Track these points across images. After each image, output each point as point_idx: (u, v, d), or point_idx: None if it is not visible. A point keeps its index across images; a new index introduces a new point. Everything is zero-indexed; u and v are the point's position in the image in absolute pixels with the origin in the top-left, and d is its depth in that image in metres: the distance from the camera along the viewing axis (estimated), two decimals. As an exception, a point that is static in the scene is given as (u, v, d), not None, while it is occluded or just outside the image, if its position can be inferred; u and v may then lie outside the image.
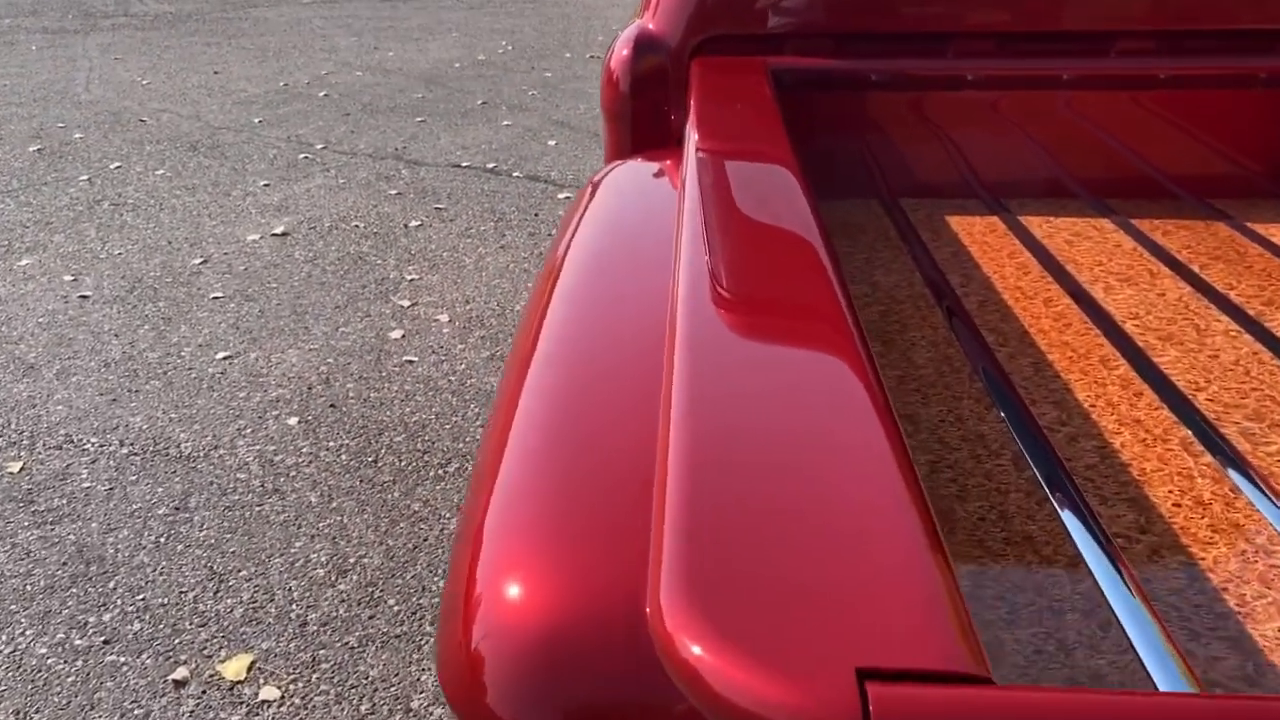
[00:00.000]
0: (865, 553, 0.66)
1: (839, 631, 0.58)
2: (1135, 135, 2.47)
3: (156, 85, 6.90)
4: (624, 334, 1.40)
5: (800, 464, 0.79)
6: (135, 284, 3.83)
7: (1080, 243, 2.23)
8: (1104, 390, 1.61)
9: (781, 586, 0.63)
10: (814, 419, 0.87)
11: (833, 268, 1.18)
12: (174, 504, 2.55)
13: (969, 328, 1.83)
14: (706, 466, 0.77)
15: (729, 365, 0.97)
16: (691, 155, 1.66)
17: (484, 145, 5.58)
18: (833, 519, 0.71)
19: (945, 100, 2.50)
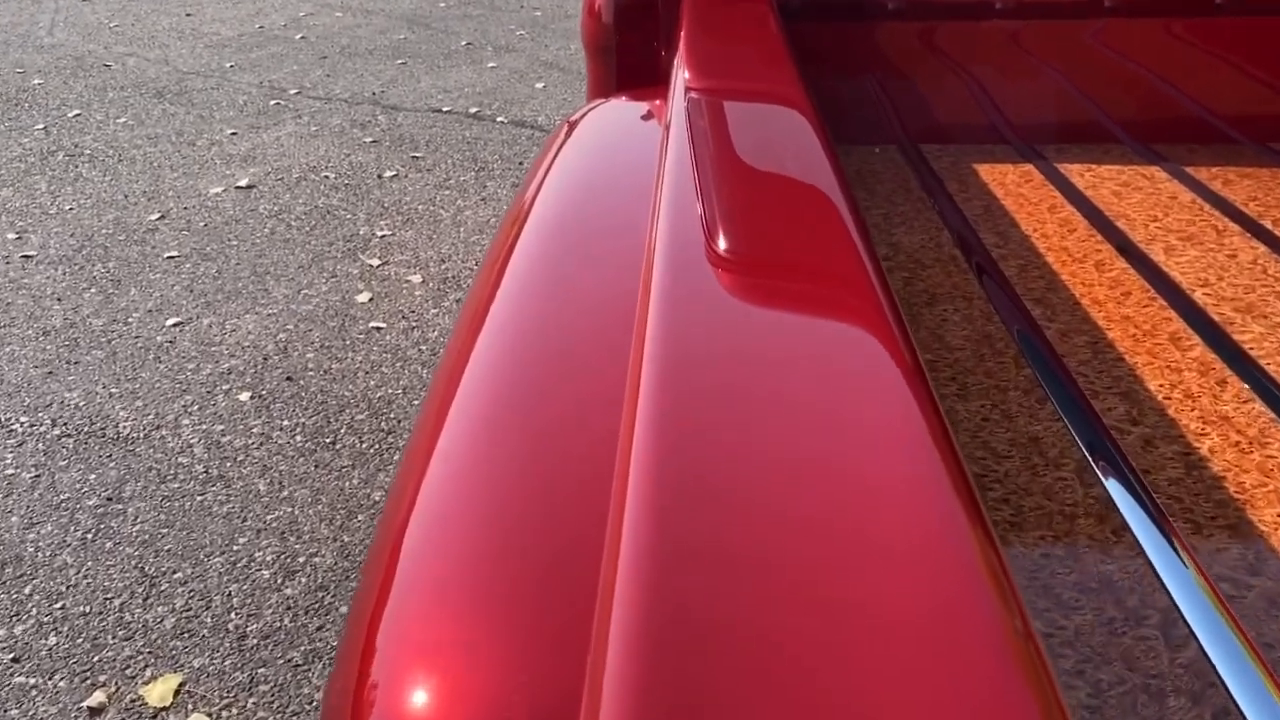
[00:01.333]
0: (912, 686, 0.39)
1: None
2: (1185, 70, 2.16)
3: (125, 28, 6.53)
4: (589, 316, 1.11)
5: (809, 523, 0.52)
6: (85, 242, 3.54)
7: (1129, 194, 1.93)
8: (1180, 378, 1.32)
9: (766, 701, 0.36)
10: (829, 441, 0.59)
11: (857, 229, 0.90)
12: (106, 494, 2.28)
13: (1010, 299, 1.54)
14: (673, 547, 0.50)
15: (713, 363, 0.69)
16: (679, 94, 1.36)
17: (467, 88, 5.24)
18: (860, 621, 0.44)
19: (970, 31, 2.19)
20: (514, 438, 0.84)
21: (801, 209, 0.97)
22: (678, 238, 0.87)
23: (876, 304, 0.76)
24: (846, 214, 0.92)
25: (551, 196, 1.52)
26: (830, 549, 0.51)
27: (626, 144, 1.86)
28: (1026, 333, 1.44)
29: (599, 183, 1.62)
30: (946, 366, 1.37)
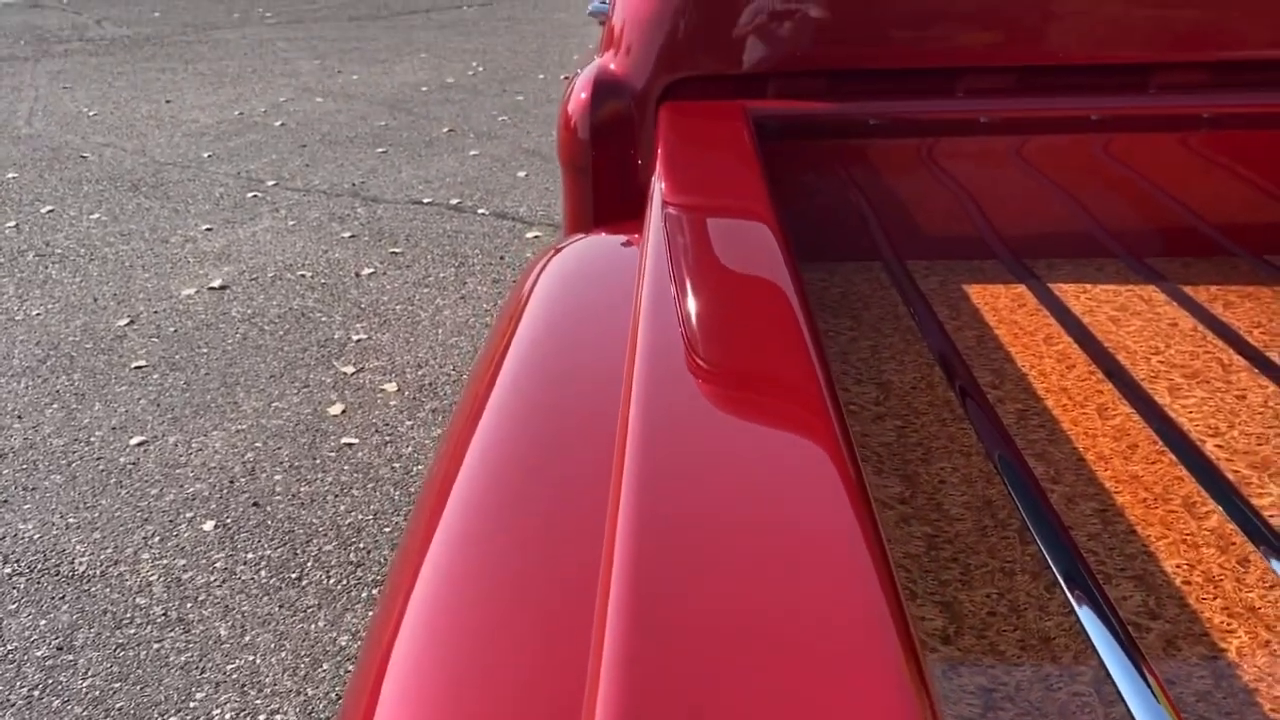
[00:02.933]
0: None
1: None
2: (1177, 184, 2.10)
3: (104, 116, 6.50)
4: (571, 432, 1.11)
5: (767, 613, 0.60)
6: (50, 351, 3.43)
7: (1128, 320, 1.85)
8: (1197, 556, 1.22)
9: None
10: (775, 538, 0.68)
11: (814, 347, 0.94)
12: (57, 642, 2.15)
13: (1012, 455, 1.45)
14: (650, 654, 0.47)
15: (688, 469, 0.75)
16: (656, 216, 1.32)
17: (448, 178, 5.19)
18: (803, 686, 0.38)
19: (956, 147, 2.13)
20: (502, 544, 0.88)
21: (762, 326, 1.02)
22: (655, 356, 0.91)
23: (826, 417, 0.82)
24: (805, 332, 0.97)
25: (532, 324, 1.46)
26: (767, 622, 0.58)
27: (605, 273, 1.79)
28: (1029, 500, 1.34)
29: (579, 306, 1.55)
30: (947, 542, 1.27)
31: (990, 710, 0.99)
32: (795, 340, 0.94)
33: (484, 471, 1.03)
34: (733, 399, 0.88)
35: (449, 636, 0.80)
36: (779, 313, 1.02)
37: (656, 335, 0.96)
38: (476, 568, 0.88)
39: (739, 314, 1.05)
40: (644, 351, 0.92)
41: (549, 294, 1.62)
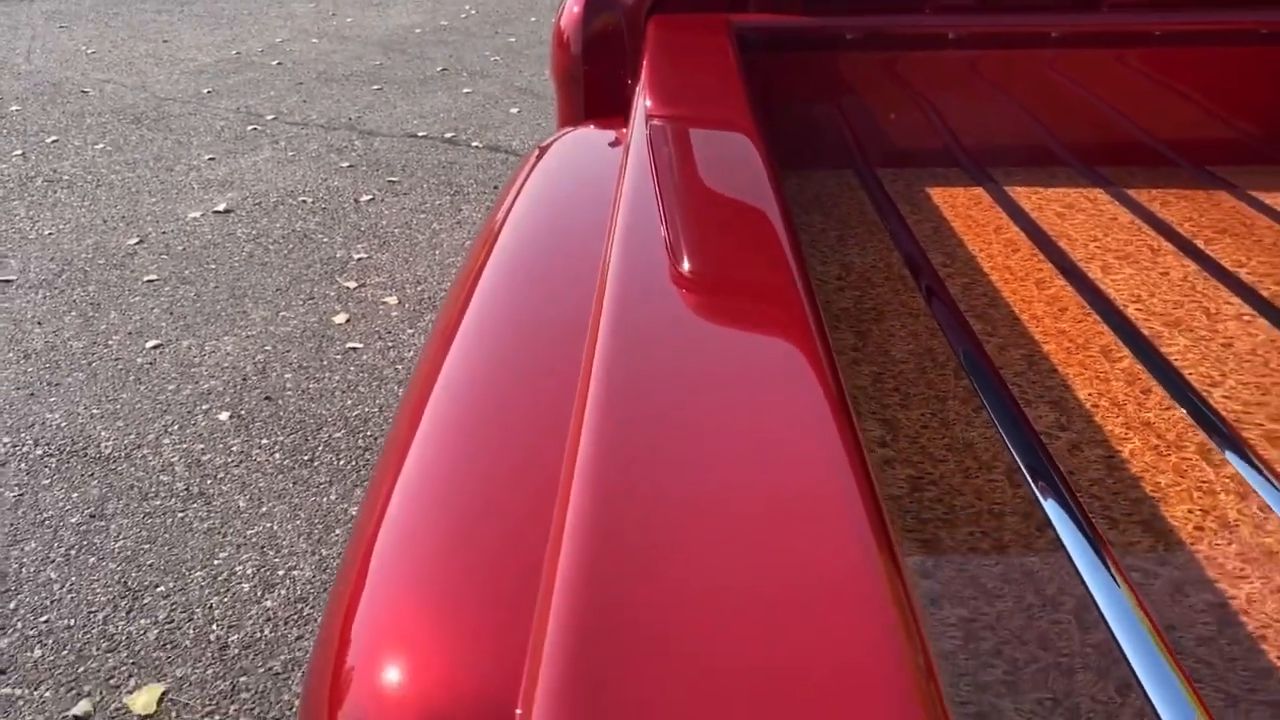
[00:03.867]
0: (814, 651, 0.47)
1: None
2: (1129, 97, 2.28)
3: (102, 54, 6.59)
4: (550, 329, 1.20)
5: (735, 514, 0.60)
6: (65, 267, 3.59)
7: (1073, 216, 2.04)
8: (1107, 387, 1.42)
9: (694, 702, 0.44)
10: (756, 446, 0.68)
11: (792, 250, 0.98)
12: (89, 511, 2.33)
13: (953, 315, 1.64)
14: (610, 529, 0.58)
15: (657, 371, 0.77)
16: (639, 122, 1.45)
17: (442, 114, 5.33)
18: (771, 595, 0.52)
19: (925, 61, 2.29)
20: (477, 446, 0.93)
21: (743, 230, 1.06)
22: (630, 256, 0.96)
23: (803, 317, 0.85)
24: (783, 234, 1.01)
25: (521, 218, 1.61)
26: (744, 540, 0.60)
27: (591, 169, 1.96)
28: (967, 346, 1.53)
29: (565, 205, 1.71)
30: (891, 378, 1.46)
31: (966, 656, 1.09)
32: (772, 238, 1.01)
33: (465, 368, 1.16)
34: (708, 299, 0.91)
35: (425, 529, 0.93)
36: (757, 212, 1.09)
37: (634, 236, 1.02)
38: (454, 464, 1.01)
39: (717, 214, 1.14)
40: (620, 249, 0.99)
41: (538, 190, 1.78)
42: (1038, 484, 1.21)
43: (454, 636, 0.75)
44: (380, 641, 0.78)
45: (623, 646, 0.51)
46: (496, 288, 1.26)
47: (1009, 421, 1.33)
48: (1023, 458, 1.26)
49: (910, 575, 0.80)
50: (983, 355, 1.50)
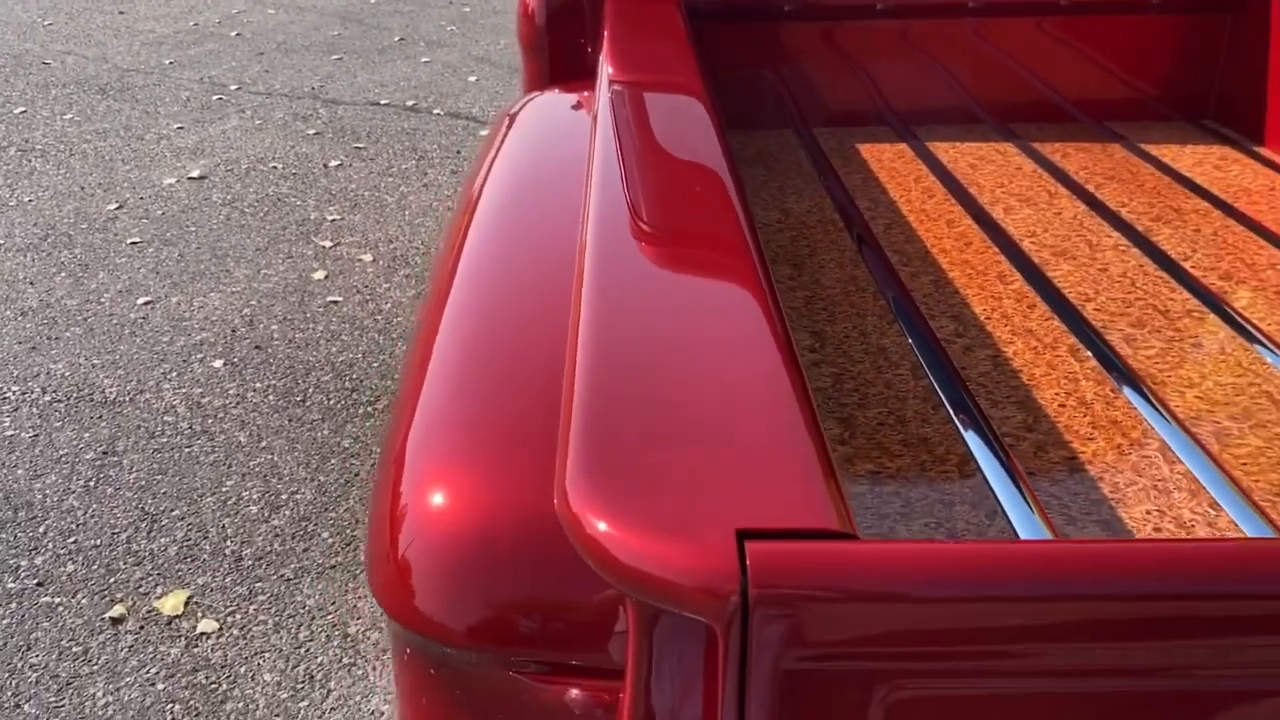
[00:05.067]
0: (749, 435, 0.73)
1: (724, 500, 0.65)
2: (1038, 61, 2.56)
3: (59, 26, 6.66)
4: (538, 260, 1.46)
5: (694, 364, 0.85)
6: (49, 231, 3.76)
7: (984, 166, 2.31)
8: (999, 304, 1.70)
9: (674, 466, 0.69)
10: (709, 327, 0.93)
11: (736, 193, 1.24)
12: (101, 448, 2.55)
13: (875, 250, 1.91)
14: (608, 371, 0.83)
15: (634, 284, 1.03)
16: (604, 88, 1.69)
17: (402, 82, 5.51)
18: (722, 408, 0.77)
19: (856, 30, 2.55)
20: (497, 331, 1.20)
21: (693, 182, 1.31)
22: (603, 207, 1.21)
23: (746, 253, 1.09)
24: (729, 182, 1.27)
25: (504, 168, 1.87)
26: (700, 371, 0.86)
27: (560, 131, 2.20)
28: (884, 275, 1.80)
29: (542, 157, 1.96)
30: (821, 300, 1.73)
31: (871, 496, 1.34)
32: (720, 186, 1.23)
33: (471, 280, 1.43)
34: (671, 232, 1.13)
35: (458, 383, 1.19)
36: (708, 166, 1.32)
37: (608, 180, 1.23)
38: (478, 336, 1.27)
39: (676, 167, 1.37)
40: (597, 198, 1.20)
41: (516, 147, 2.03)
42: (935, 376, 1.49)
43: (493, 462, 1.01)
44: (427, 471, 1.04)
45: (620, 430, 0.77)
46: (493, 218, 1.52)
47: (916, 332, 1.61)
48: (925, 358, 1.54)
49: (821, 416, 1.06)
50: (897, 281, 1.78)
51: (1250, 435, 1.33)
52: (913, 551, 0.61)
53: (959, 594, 0.59)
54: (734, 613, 0.58)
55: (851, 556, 0.60)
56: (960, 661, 0.62)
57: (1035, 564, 0.60)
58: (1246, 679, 0.62)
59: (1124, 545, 0.63)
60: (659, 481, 0.67)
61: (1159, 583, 0.59)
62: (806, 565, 0.59)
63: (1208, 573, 0.60)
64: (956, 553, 0.61)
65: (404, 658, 0.99)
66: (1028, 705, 0.63)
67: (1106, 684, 0.62)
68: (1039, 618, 0.60)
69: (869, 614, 0.60)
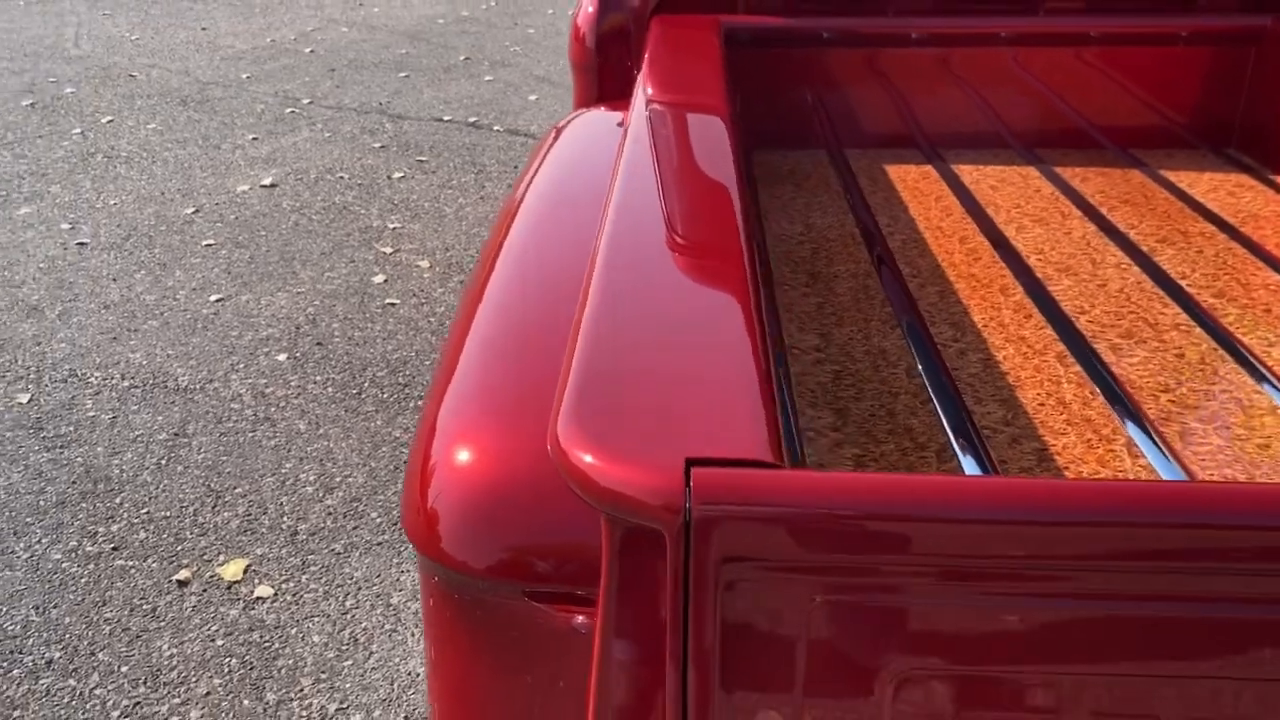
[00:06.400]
0: (710, 388, 0.88)
1: (681, 437, 0.80)
2: (1067, 89, 2.67)
3: (145, 41, 7.02)
4: (562, 256, 1.63)
5: (674, 337, 1.01)
6: (131, 232, 4.01)
7: (1004, 188, 2.43)
8: (998, 313, 1.82)
9: (645, 411, 0.85)
10: (691, 310, 1.09)
11: (739, 204, 1.39)
12: (173, 430, 2.76)
13: (888, 263, 2.04)
14: (601, 342, 0.99)
15: (633, 276, 1.19)
16: (638, 106, 1.85)
17: (465, 100, 5.74)
18: (690, 370, 0.92)
19: (889, 57, 2.69)
20: (521, 316, 1.38)
21: (701, 194, 1.47)
22: (619, 212, 1.36)
23: (737, 257, 1.23)
24: (735, 198, 1.41)
25: (543, 179, 2.05)
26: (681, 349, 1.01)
27: (599, 144, 2.38)
28: (893, 285, 1.94)
29: (577, 170, 2.13)
30: (831, 306, 1.87)
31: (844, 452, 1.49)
32: (727, 198, 1.39)
33: (505, 273, 1.60)
34: (671, 247, 1.26)
35: (486, 361, 1.36)
36: (720, 179, 1.48)
37: (625, 195, 1.40)
38: (497, 336, 1.44)
39: (690, 180, 1.55)
40: (615, 204, 1.38)
41: (557, 159, 2.20)
42: (928, 375, 1.62)
43: (507, 423, 1.17)
44: (454, 430, 1.20)
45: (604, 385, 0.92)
46: (530, 219, 1.70)
47: (916, 336, 1.74)
48: (921, 359, 1.67)
49: None
50: (905, 291, 1.91)
51: (1213, 435, 1.44)
52: (831, 480, 0.75)
53: (866, 515, 0.74)
54: (679, 524, 0.73)
55: (778, 482, 0.74)
56: (868, 576, 0.77)
57: (924, 493, 0.74)
58: (1114, 605, 0.75)
59: (989, 481, 0.76)
60: (630, 422, 0.83)
61: (1016, 511, 0.72)
62: (740, 487, 0.74)
63: (1078, 506, 0.74)
64: (866, 482, 0.75)
65: (431, 588, 1.15)
66: (926, 614, 0.77)
67: (997, 591, 0.76)
68: (930, 539, 0.74)
69: (792, 531, 0.74)
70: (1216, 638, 0.76)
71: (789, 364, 1.66)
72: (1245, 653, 0.76)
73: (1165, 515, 0.72)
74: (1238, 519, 0.73)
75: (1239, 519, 0.72)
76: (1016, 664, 0.78)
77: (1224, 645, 0.76)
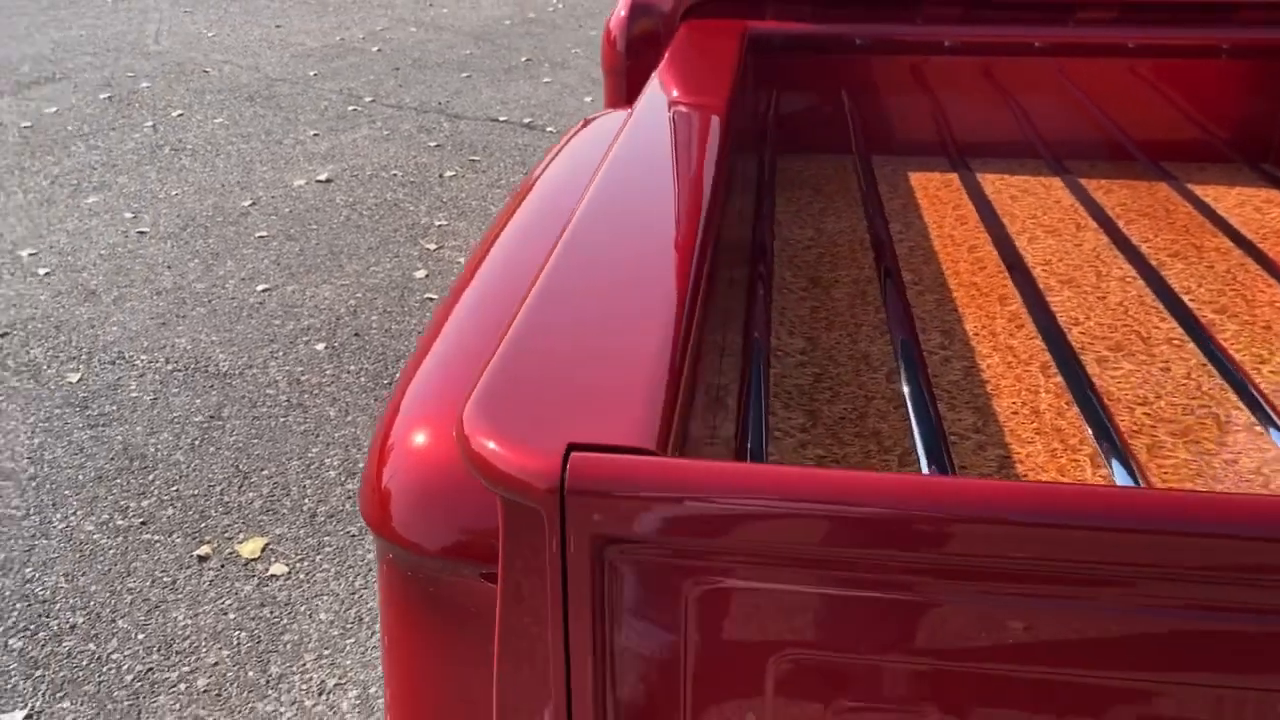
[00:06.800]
0: (612, 382, 0.92)
1: (570, 424, 0.84)
2: (1101, 100, 2.65)
3: (221, 38, 7.25)
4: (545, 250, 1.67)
5: (599, 334, 1.05)
6: (189, 222, 4.17)
7: (1024, 198, 2.43)
8: (991, 323, 1.83)
9: (546, 401, 0.89)
10: (628, 309, 1.12)
11: (709, 205, 1.41)
12: (209, 413, 2.87)
13: (892, 269, 2.05)
14: (528, 333, 1.03)
15: (581, 274, 1.21)
16: (638, 107, 1.89)
17: (523, 100, 5.84)
18: (603, 366, 0.97)
19: (918, 63, 2.70)
20: (495, 304, 1.43)
21: (677, 193, 1.50)
22: (588, 214, 1.40)
23: (688, 259, 1.26)
24: (706, 199, 1.44)
25: (541, 182, 2.10)
26: (601, 339, 1.05)
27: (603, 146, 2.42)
28: (892, 292, 1.95)
29: (575, 173, 2.18)
30: (825, 311, 1.89)
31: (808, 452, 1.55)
32: (695, 200, 1.41)
33: (490, 264, 1.65)
34: (626, 245, 1.28)
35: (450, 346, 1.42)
36: (696, 180, 1.50)
37: (599, 194, 1.42)
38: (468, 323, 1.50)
39: (671, 173, 1.59)
40: (586, 202, 1.41)
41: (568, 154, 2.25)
42: (907, 381, 1.63)
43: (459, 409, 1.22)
44: (412, 417, 1.26)
45: (517, 375, 0.97)
46: (527, 212, 1.77)
47: (903, 343, 1.76)
48: (904, 365, 1.68)
49: None
50: (902, 298, 1.92)
51: (1181, 449, 1.44)
52: (702, 468, 0.79)
53: (732, 503, 0.77)
54: (555, 504, 0.78)
55: (651, 468, 0.78)
56: (738, 563, 0.80)
57: (787, 484, 0.78)
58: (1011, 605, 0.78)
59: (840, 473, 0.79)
60: (528, 411, 0.87)
61: (868, 504, 0.75)
62: (612, 471, 0.78)
63: (942, 503, 0.76)
64: (735, 471, 0.79)
65: (386, 568, 1.20)
66: (793, 602, 0.80)
67: (859, 581, 0.79)
68: (790, 530, 0.77)
69: (664, 516, 0.78)
70: (1101, 640, 0.78)
71: (770, 366, 1.69)
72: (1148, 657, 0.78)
73: (1017, 514, 0.74)
74: (1110, 522, 0.74)
75: (1113, 522, 0.74)
76: (885, 653, 0.81)
77: (1114, 649, 0.78)
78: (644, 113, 1.83)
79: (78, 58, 6.67)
